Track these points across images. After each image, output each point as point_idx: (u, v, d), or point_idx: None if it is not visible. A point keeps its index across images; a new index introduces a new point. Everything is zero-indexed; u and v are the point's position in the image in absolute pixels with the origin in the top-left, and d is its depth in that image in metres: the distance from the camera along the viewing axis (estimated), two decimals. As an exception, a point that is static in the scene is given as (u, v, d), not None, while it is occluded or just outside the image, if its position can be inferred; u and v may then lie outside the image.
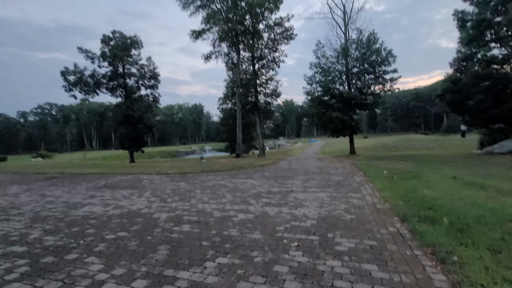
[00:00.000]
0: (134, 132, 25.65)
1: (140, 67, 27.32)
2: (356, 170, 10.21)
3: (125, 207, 6.00)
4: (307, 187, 7.32)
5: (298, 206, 5.30)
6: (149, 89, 28.21)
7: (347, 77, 19.61)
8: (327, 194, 6.25)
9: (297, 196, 6.25)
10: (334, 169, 11.15)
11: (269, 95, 25.14)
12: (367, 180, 7.87)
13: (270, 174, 10.48)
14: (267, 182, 8.51)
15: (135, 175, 12.03)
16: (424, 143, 31.24)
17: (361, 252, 3.08)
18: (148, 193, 7.52)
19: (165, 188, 8.20)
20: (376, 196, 5.87)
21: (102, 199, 7.04)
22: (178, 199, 6.52)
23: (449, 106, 19.20)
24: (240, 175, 10.39)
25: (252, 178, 9.43)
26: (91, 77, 25.76)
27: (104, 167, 16.95)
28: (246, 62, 26.43)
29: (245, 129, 28.84)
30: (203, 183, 8.93)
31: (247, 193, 6.89)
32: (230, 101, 29.78)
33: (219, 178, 9.92)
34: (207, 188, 7.84)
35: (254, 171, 11.55)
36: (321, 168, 11.52)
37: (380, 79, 17.86)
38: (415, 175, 8.14)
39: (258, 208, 5.35)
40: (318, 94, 20.17)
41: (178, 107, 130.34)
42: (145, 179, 10.43)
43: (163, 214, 5.21)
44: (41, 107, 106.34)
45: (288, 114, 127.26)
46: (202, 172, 11.88)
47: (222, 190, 7.47)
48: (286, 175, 9.85)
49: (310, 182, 8.03)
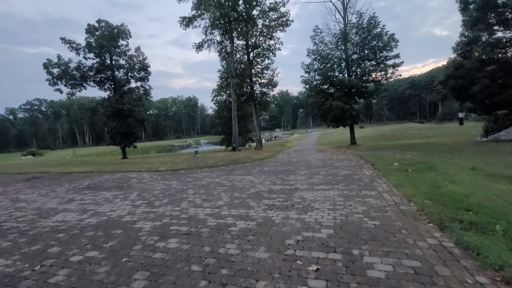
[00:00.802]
0: (125, 126, 24.51)
1: (129, 58, 25.96)
2: (363, 162, 9.46)
3: (105, 213, 5.14)
4: (313, 183, 6.53)
5: (308, 210, 4.51)
6: (139, 82, 26.92)
7: (346, 64, 18.66)
8: (338, 193, 5.46)
9: (303, 195, 5.45)
10: (338, 161, 10.38)
11: (265, 85, 24.11)
12: (378, 174, 7.10)
13: (270, 168, 9.67)
14: (267, 178, 7.70)
15: (123, 173, 11.13)
16: (423, 131, 30.75)
17: (405, 280, 2.30)
18: (134, 195, 6.66)
19: (154, 188, 7.34)
20: (395, 193, 5.10)
21: (80, 203, 6.16)
22: (167, 202, 5.68)
23: (452, 93, 18.48)
24: (238, 171, 9.57)
25: (250, 174, 8.61)
26: (77, 69, 24.37)
27: (93, 165, 15.96)
28: (240, 52, 25.28)
29: (241, 121, 27.90)
30: (196, 181, 8.09)
31: (246, 192, 6.08)
32: (225, 92, 28.67)
33: (215, 175, 9.08)
34: (201, 187, 7.00)
35: (252, 166, 10.73)
36: (324, 161, 10.74)
37: (382, 65, 16.94)
38: (429, 166, 7.40)
39: (260, 212, 4.54)
40: (316, 82, 19.22)
41: (172, 100, 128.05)
42: (134, 178, 9.55)
43: (147, 223, 4.37)
44: (30, 103, 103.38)
45: (284, 105, 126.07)
46: (196, 168, 11.02)
47: (218, 189, 6.64)
48: (288, 170, 9.05)
49: (315, 178, 7.24)
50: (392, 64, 16.58)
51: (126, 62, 26.17)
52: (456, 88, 17.74)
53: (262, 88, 24.35)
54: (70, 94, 25.49)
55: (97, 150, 55.29)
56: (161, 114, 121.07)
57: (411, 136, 28.08)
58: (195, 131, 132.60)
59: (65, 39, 23.67)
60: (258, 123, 25.17)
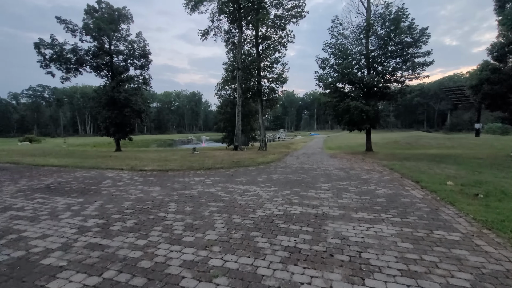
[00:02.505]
0: (120, 117, 22.69)
1: (129, 44, 24.11)
2: (399, 177, 7.47)
3: (27, 243, 3.23)
4: (347, 207, 4.58)
5: (361, 269, 2.55)
6: (138, 70, 25.09)
7: (367, 60, 16.61)
8: (395, 230, 3.51)
9: (340, 231, 3.51)
10: (364, 172, 8.41)
11: (273, 80, 22.12)
12: (435, 198, 5.13)
13: (280, 177, 7.72)
14: (279, 192, 5.77)
15: (102, 170, 9.24)
16: (440, 141, 28.62)
17: None
18: (94, 207, 4.76)
19: (127, 198, 5.43)
20: (495, 240, 3.14)
21: (11, 217, 4.26)
22: (131, 227, 3.75)
23: (485, 99, 16.38)
24: (239, 177, 7.64)
25: (255, 184, 6.67)
26: (72, 52, 22.58)
27: (76, 157, 14.11)
28: (249, 43, 23.35)
29: (245, 119, 25.99)
30: (185, 189, 6.16)
31: (252, 216, 4.15)
32: (230, 87, 26.75)
33: (210, 181, 7.15)
34: (188, 202, 5.07)
35: (257, 172, 8.79)
36: (346, 171, 8.77)
37: (409, 63, 14.91)
38: (501, 190, 5.42)
39: (277, 267, 2.60)
40: (332, 80, 17.21)
41: (176, 94, 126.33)
42: (110, 178, 7.64)
43: (74, 278, 2.45)
44: (33, 88, 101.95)
45: (289, 106, 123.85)
46: (189, 169, 9.10)
47: (211, 207, 4.70)
48: (303, 180, 7.10)
49: (346, 197, 5.29)
50: (422, 62, 14.52)
51: (126, 48, 24.35)
52: (491, 94, 15.65)
53: (270, 84, 22.38)
54: (64, 78, 23.67)
55: (95, 140, 53.67)
56: (164, 107, 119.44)
57: (428, 146, 25.97)
58: (197, 126, 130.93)
59: (61, 18, 21.87)
60: (263, 122, 23.24)
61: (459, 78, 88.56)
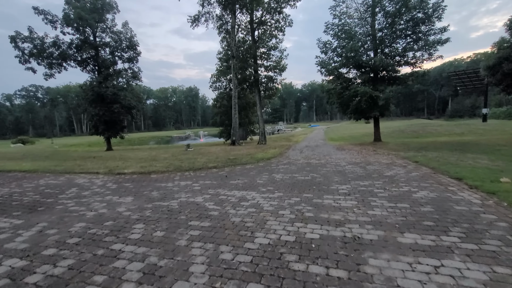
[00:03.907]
0: (109, 113, 21.20)
1: (115, 35, 22.42)
2: (430, 172, 6.10)
3: None
4: (383, 222, 3.22)
5: None
6: (127, 63, 23.46)
7: (373, 42, 15.07)
8: (484, 271, 2.16)
9: (393, 275, 2.15)
10: (385, 167, 7.03)
11: (271, 68, 20.55)
12: (500, 203, 3.77)
13: (284, 177, 6.35)
14: (285, 199, 4.40)
15: (74, 175, 7.86)
16: (447, 128, 27.23)
17: None
18: (27, 236, 3.37)
19: (82, 217, 4.05)
20: None
21: None
22: (55, 279, 2.40)
23: (503, 80, 14.92)
24: (235, 179, 6.27)
25: (254, 189, 5.30)
26: (54, 46, 20.92)
27: (57, 159, 12.70)
28: (243, 30, 21.69)
29: (243, 111, 24.47)
30: (164, 199, 4.80)
31: (248, 250, 2.78)
32: (225, 78, 25.10)
33: (198, 185, 5.78)
34: (162, 221, 3.70)
35: (256, 171, 7.42)
36: (361, 166, 7.39)
37: (421, 43, 13.39)
38: None
39: None
40: (335, 65, 15.70)
41: (172, 90, 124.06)
42: (77, 186, 6.27)
43: None
44: (25, 89, 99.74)
45: (287, 98, 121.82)
46: (177, 171, 7.71)
47: (191, 231, 3.31)
48: (313, 181, 5.73)
49: (375, 204, 3.93)
50: (437, 40, 12.98)
51: (112, 39, 22.67)
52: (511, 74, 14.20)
53: (268, 72, 20.83)
54: (48, 75, 22.04)
55: (90, 140, 52.22)
56: (161, 104, 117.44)
57: (436, 133, 24.59)
58: (195, 122, 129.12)
59: (38, 8, 20.16)
60: (262, 114, 21.77)
61: (460, 64, 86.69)
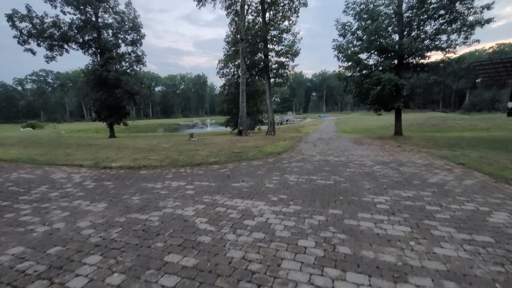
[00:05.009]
0: (111, 99, 20.20)
1: (118, 16, 21.15)
2: (489, 179, 4.74)
3: None
4: (469, 276, 1.99)
5: None
6: (130, 46, 22.27)
7: (399, 23, 13.30)
8: None
9: None
10: (423, 169, 5.70)
11: (283, 53, 18.96)
12: None
13: (299, 179, 5.12)
14: (304, 217, 3.19)
15: (55, 167, 6.84)
16: (471, 122, 25.23)
17: None
18: None
19: (24, 235, 2.94)
20: None
21: None
22: None
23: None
24: (238, 180, 5.09)
25: (262, 196, 4.10)
26: (54, 26, 19.85)
27: (47, 146, 11.79)
28: (254, 12, 20.04)
29: (251, 100, 23.10)
30: (144, 209, 3.65)
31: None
32: (233, 64, 23.63)
33: (192, 188, 4.61)
34: (130, 250, 2.55)
35: (265, 168, 6.21)
36: (392, 167, 6.07)
37: (458, 24, 11.61)
38: None
39: None
40: (355, 49, 14.06)
41: (181, 77, 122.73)
42: (50, 183, 5.21)
43: None
44: (36, 73, 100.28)
45: (297, 87, 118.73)
46: (171, 166, 6.58)
47: (164, 277, 2.15)
48: (338, 187, 4.49)
49: (441, 236, 2.69)
50: (478, 20, 11.18)
51: (115, 20, 21.43)
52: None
53: (279, 58, 19.25)
54: (49, 57, 21.09)
55: (98, 126, 52.01)
56: (169, 91, 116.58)
57: (459, 128, 22.71)
58: (203, 110, 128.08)
59: (36, -16, 18.95)
60: (271, 103, 20.37)
61: (481, 54, 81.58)
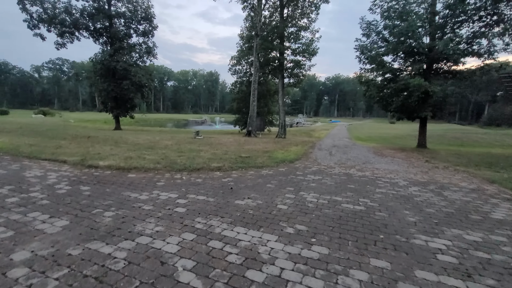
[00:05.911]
0: (118, 90, 19.55)
1: (130, 4, 20.50)
2: None
3: None
4: None
5: None
6: (141, 37, 21.61)
7: (431, 24, 12.03)
8: None
9: None
10: (477, 198, 4.56)
11: (299, 52, 17.86)
12: None
13: (320, 199, 4.07)
14: (335, 273, 2.16)
15: (36, 161, 6.00)
16: (496, 138, 23.53)
17: None
18: None
19: None
20: None
21: None
22: None
23: None
24: (243, 197, 4.08)
25: (273, 227, 3.08)
26: (66, 12, 19.35)
27: (44, 136, 11.10)
28: (271, 7, 19.02)
29: (262, 99, 22.08)
30: (113, 234, 2.68)
31: None
32: (246, 61, 22.68)
33: (184, 205, 3.63)
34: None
35: (276, 181, 5.18)
36: (433, 190, 4.94)
37: (502, 27, 10.29)
38: None
39: None
40: (380, 50, 12.85)
41: (193, 73, 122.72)
42: (16, 184, 4.33)
43: None
44: (52, 62, 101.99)
45: (309, 90, 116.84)
46: (167, 170, 5.63)
47: None
48: (372, 218, 3.43)
49: None
50: (527, 23, 9.84)
51: (128, 9, 20.80)
52: None
53: (296, 56, 18.17)
54: (60, 44, 20.61)
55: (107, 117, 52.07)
56: (181, 86, 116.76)
57: (484, 143, 21.06)
58: (213, 107, 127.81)
59: (47, -32, 18.44)
60: (284, 104, 19.31)
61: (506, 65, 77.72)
